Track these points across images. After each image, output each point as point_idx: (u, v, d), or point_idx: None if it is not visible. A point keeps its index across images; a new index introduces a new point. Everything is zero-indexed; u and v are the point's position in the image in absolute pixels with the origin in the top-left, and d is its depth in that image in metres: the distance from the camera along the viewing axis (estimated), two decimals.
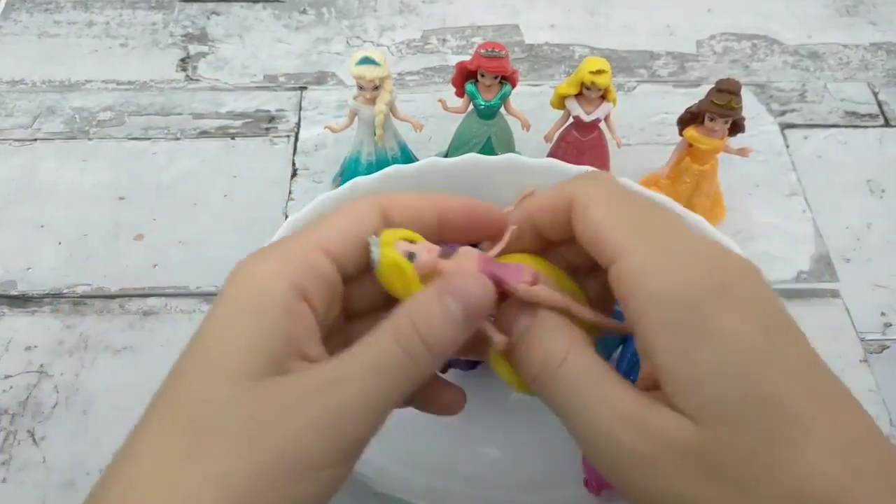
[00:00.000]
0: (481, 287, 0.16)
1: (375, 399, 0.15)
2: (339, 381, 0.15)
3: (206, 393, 0.14)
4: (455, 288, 0.16)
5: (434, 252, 0.17)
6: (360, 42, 0.48)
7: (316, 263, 0.16)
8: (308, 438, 0.14)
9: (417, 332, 0.15)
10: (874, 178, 0.42)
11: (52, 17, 0.49)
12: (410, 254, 0.17)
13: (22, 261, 0.37)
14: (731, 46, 0.49)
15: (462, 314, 0.15)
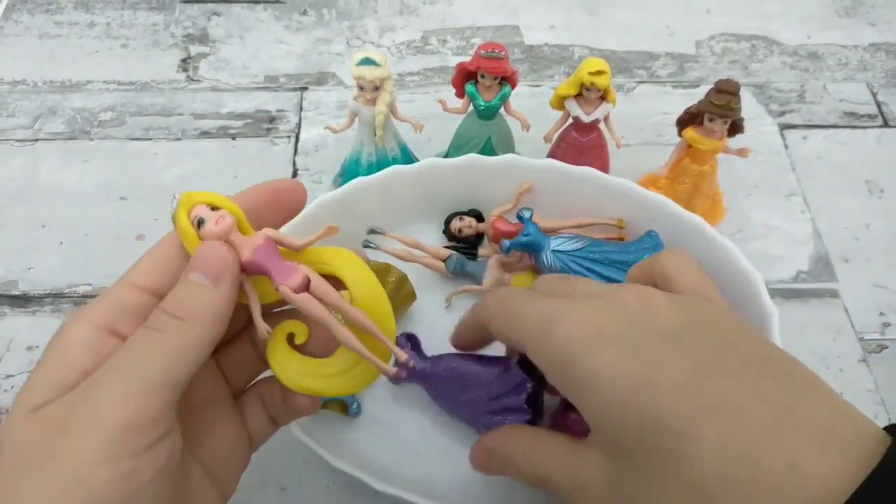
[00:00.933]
0: (217, 253, 0.17)
1: (134, 379, 0.15)
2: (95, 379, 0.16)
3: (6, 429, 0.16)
4: (194, 261, 0.17)
5: (225, 223, 0.18)
6: (360, 43, 0.48)
7: (124, 300, 0.17)
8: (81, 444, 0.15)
9: (162, 309, 0.17)
10: (873, 179, 0.42)
11: (53, 18, 0.49)
12: (200, 220, 0.18)
13: (23, 261, 0.37)
14: (731, 47, 0.49)
15: (208, 279, 0.17)
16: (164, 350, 0.16)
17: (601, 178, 0.34)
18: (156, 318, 0.17)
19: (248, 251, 0.18)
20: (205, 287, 0.17)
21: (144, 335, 0.16)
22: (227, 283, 0.17)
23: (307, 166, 0.42)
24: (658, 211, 0.33)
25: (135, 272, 0.18)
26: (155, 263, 0.18)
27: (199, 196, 0.18)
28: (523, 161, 0.34)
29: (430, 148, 0.41)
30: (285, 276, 0.18)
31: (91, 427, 0.15)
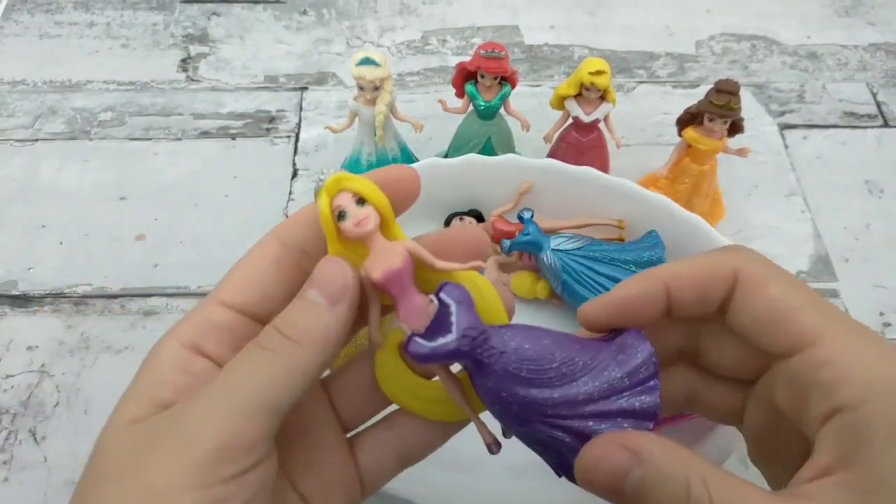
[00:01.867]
0: (337, 272, 0.16)
1: (234, 400, 0.14)
2: (195, 397, 0.15)
3: (101, 439, 0.16)
4: (314, 277, 0.16)
5: (368, 227, 0.16)
6: (360, 43, 0.48)
7: (213, 318, 0.17)
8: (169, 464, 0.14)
9: (274, 326, 0.16)
10: (873, 179, 0.42)
11: (53, 18, 0.49)
12: (342, 212, 0.16)
13: (23, 261, 0.37)
14: (730, 47, 0.49)
15: (325, 299, 0.16)
16: (269, 371, 0.15)
17: (601, 178, 0.34)
18: (267, 336, 0.16)
19: (382, 271, 0.16)
20: (320, 307, 0.16)
21: (251, 354, 0.15)
22: (344, 306, 0.16)
23: (307, 166, 0.41)
24: (658, 211, 0.33)
25: (223, 288, 0.17)
26: (244, 279, 0.17)
27: (350, 183, 0.16)
28: (523, 161, 0.34)
29: (430, 148, 0.41)
30: (412, 315, 0.16)
31: (182, 447, 0.14)
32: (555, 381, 0.16)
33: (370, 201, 0.16)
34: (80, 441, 0.31)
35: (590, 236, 0.34)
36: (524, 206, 0.34)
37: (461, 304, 0.16)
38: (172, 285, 0.36)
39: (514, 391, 0.15)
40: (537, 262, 0.33)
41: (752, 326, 0.16)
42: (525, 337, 0.16)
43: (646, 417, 0.16)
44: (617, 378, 0.16)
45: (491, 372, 0.16)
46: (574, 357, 0.16)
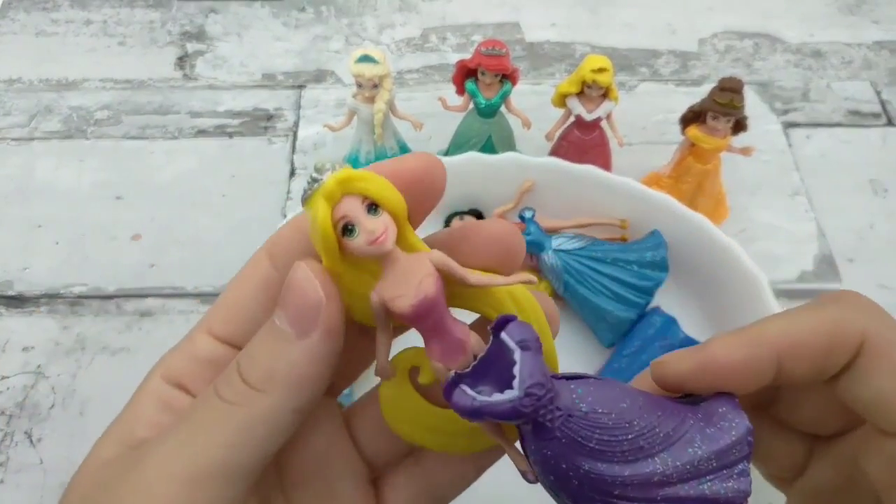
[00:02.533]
0: (307, 287, 0.12)
1: (176, 467, 0.12)
2: (144, 453, 0.13)
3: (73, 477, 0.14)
4: (282, 298, 0.13)
5: (387, 242, 0.12)
6: (359, 40, 0.48)
7: (197, 351, 0.14)
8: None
9: (234, 367, 0.13)
10: (877, 178, 0.41)
11: (50, 16, 0.49)
12: (349, 226, 0.12)
13: (19, 261, 0.37)
14: (734, 45, 0.48)
15: (292, 327, 0.12)
16: (222, 428, 0.12)
17: (603, 176, 0.33)
18: (223, 381, 0.13)
19: (413, 301, 0.12)
20: (285, 339, 0.13)
21: (204, 405, 0.13)
22: (318, 335, 0.12)
23: (305, 165, 0.41)
24: (661, 210, 0.32)
25: (212, 314, 0.15)
26: (231, 306, 0.14)
27: (361, 183, 0.12)
28: (524, 159, 0.34)
29: (430, 146, 0.41)
30: (449, 354, 0.13)
31: None
32: (628, 455, 0.13)
33: (386, 207, 0.12)
34: (76, 443, 0.31)
35: (592, 236, 0.33)
36: (525, 205, 0.34)
37: (528, 352, 0.12)
38: (169, 286, 0.36)
39: (577, 464, 0.12)
40: (539, 262, 0.33)
41: (872, 403, 0.13)
42: (599, 398, 0.13)
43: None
44: (703, 458, 0.13)
45: (552, 438, 0.12)
46: (655, 427, 0.13)
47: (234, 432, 0.13)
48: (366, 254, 0.12)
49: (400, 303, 0.12)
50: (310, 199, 0.12)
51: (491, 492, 0.28)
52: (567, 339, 0.33)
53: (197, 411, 0.13)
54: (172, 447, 0.13)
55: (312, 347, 0.13)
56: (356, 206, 0.12)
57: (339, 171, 0.12)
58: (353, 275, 0.13)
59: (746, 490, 0.13)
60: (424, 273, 0.12)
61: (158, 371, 0.15)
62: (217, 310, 0.15)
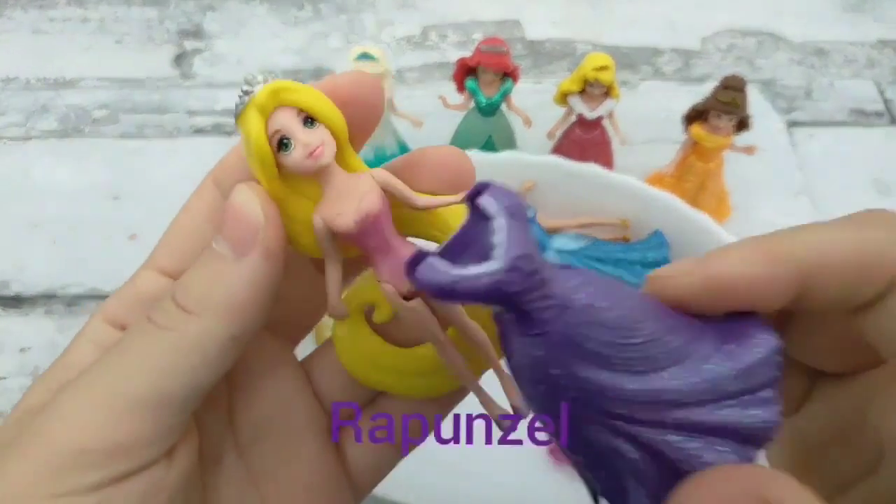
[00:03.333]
0: (246, 206, 0.12)
1: (101, 393, 0.12)
2: (64, 388, 0.12)
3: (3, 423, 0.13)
4: (222, 221, 0.12)
5: (326, 155, 0.11)
6: (358, 38, 0.47)
7: (141, 288, 0.14)
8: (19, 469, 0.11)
9: (172, 293, 0.12)
10: (881, 177, 0.41)
11: (47, 14, 0.49)
12: (284, 139, 0.11)
13: (15, 261, 0.37)
14: (736, 43, 0.48)
15: (230, 248, 0.12)
16: (154, 353, 0.12)
17: (605, 175, 0.33)
18: (159, 307, 0.12)
19: (356, 215, 0.11)
20: (222, 261, 0.12)
21: (137, 331, 0.12)
22: (257, 256, 0.12)
23: None
24: (663, 209, 0.32)
25: (158, 250, 0.14)
26: (180, 235, 0.14)
27: (295, 94, 0.11)
28: (525, 158, 0.34)
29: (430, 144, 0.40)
30: (397, 273, 0.12)
31: (37, 448, 0.11)
32: (635, 364, 0.10)
33: (323, 120, 0.12)
34: None
35: (593, 236, 0.33)
36: (526, 204, 0.34)
37: (514, 218, 0.09)
38: None
39: (571, 369, 0.10)
40: None
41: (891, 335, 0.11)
42: (602, 290, 0.10)
43: (753, 442, 0.10)
44: (723, 376, 0.10)
45: (542, 333, 0.10)
46: (664, 336, 0.10)
47: (165, 357, 0.12)
48: (303, 169, 0.12)
49: (342, 220, 0.12)
50: (242, 114, 0.12)
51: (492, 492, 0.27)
52: None
53: (125, 339, 0.12)
54: (96, 375, 0.12)
55: (250, 269, 0.12)
56: (291, 118, 0.12)
57: (270, 82, 0.12)
58: (295, 201, 0.12)
59: (775, 420, 0.10)
60: (366, 189, 0.12)
61: (99, 314, 0.14)
62: (162, 244, 0.14)
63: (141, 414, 0.12)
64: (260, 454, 0.14)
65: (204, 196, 0.14)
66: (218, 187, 0.14)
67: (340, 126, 0.12)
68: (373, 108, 0.13)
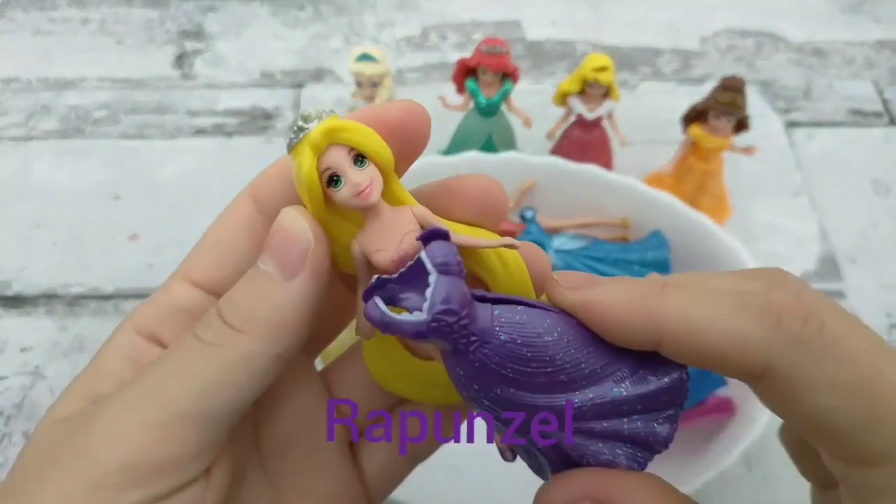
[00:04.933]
0: (297, 230, 0.12)
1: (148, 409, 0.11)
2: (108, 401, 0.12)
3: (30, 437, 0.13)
4: (268, 238, 0.12)
5: (374, 193, 0.12)
6: (358, 38, 0.48)
7: (175, 300, 0.14)
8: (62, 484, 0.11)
9: (217, 310, 0.12)
10: (880, 178, 0.41)
11: (48, 15, 0.49)
12: (334, 177, 0.12)
13: (16, 261, 0.37)
14: (736, 44, 0.48)
15: (279, 269, 0.12)
16: (201, 370, 0.12)
17: (605, 176, 0.33)
18: (204, 324, 0.12)
19: (394, 255, 0.12)
20: (271, 281, 0.12)
21: (183, 347, 0.12)
22: (305, 278, 0.12)
23: None
24: (663, 209, 0.32)
25: (191, 260, 0.14)
26: (216, 248, 0.14)
27: (349, 134, 0.12)
28: (525, 159, 0.34)
29: (430, 145, 0.40)
30: None
31: (81, 465, 0.11)
32: (546, 386, 0.12)
33: (373, 158, 0.12)
34: None
35: (593, 236, 0.33)
36: (526, 204, 0.34)
37: (445, 276, 0.11)
38: None
39: (489, 388, 0.12)
40: None
41: (795, 427, 0.12)
42: (521, 328, 0.12)
43: (648, 449, 0.12)
44: (626, 399, 0.12)
45: (465, 361, 0.12)
46: (581, 363, 0.12)
47: (211, 373, 0.12)
48: (351, 206, 0.12)
49: (380, 257, 0.12)
50: (295, 148, 0.12)
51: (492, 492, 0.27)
52: None
53: (171, 354, 0.12)
54: (142, 391, 0.12)
55: (298, 289, 0.12)
56: (342, 156, 0.12)
57: (325, 120, 0.12)
58: (337, 223, 0.13)
59: (668, 436, 0.12)
60: (407, 229, 0.12)
61: (129, 323, 0.13)
62: (196, 255, 0.14)
63: (186, 430, 0.11)
64: (283, 468, 0.14)
65: (240, 210, 0.14)
66: (255, 202, 0.14)
67: (389, 162, 0.13)
68: (420, 137, 0.13)
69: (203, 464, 0.12)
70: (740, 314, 0.12)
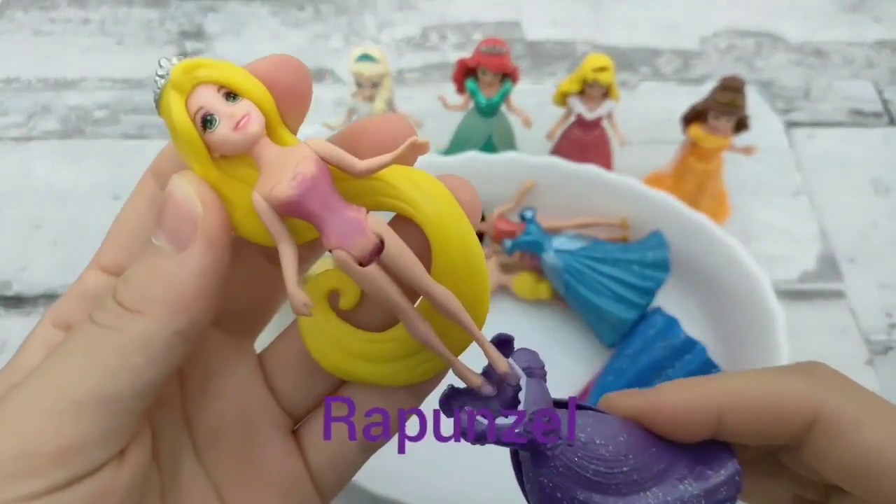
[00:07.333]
0: (183, 196, 0.11)
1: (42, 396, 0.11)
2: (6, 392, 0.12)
3: None
4: (159, 214, 0.12)
5: (253, 127, 0.11)
6: (358, 39, 0.48)
7: (88, 288, 0.13)
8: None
9: (113, 292, 0.12)
10: (879, 178, 0.41)
11: (48, 15, 0.49)
12: (209, 116, 0.11)
13: (16, 261, 0.37)
14: (735, 44, 0.48)
15: (170, 242, 0.11)
16: (95, 354, 0.11)
17: (604, 176, 0.33)
18: (100, 307, 0.12)
19: (292, 183, 0.11)
20: (163, 255, 0.12)
21: (79, 333, 0.12)
22: (199, 248, 0.11)
23: None
24: (662, 210, 0.32)
25: (103, 248, 0.14)
26: (122, 232, 0.13)
27: (210, 70, 0.11)
28: (525, 159, 0.34)
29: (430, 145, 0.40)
30: (346, 235, 0.11)
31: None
32: (622, 487, 0.13)
33: (245, 94, 0.11)
34: None
35: (593, 236, 0.33)
36: (526, 205, 0.34)
37: (533, 378, 0.12)
38: None
39: (572, 494, 0.13)
40: (540, 262, 0.33)
41: (840, 477, 0.13)
42: (598, 430, 0.13)
43: None
44: (692, 495, 0.13)
45: (550, 466, 0.12)
46: (648, 463, 0.13)
47: (107, 357, 0.11)
48: (232, 143, 0.11)
49: (280, 189, 0.11)
50: (160, 98, 0.11)
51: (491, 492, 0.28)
52: (568, 339, 0.33)
53: (68, 340, 0.12)
54: (40, 380, 0.12)
55: (192, 261, 0.11)
56: (211, 94, 0.11)
57: (182, 61, 0.11)
58: (234, 187, 0.12)
59: None
60: (302, 157, 0.11)
61: (48, 317, 0.13)
62: (106, 242, 0.14)
63: (85, 417, 0.11)
64: (218, 455, 0.14)
65: (143, 190, 0.13)
66: (157, 180, 0.13)
67: (265, 99, 0.12)
68: (298, 91, 0.12)
69: (108, 450, 0.12)
70: (785, 375, 0.13)
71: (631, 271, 0.31)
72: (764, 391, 0.13)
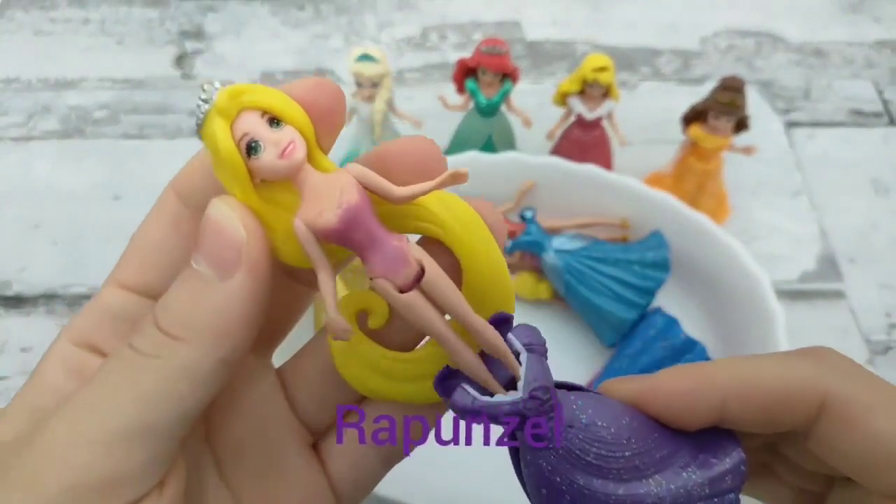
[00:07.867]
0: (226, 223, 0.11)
1: (89, 427, 0.11)
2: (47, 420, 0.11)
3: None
4: (199, 239, 0.11)
5: (298, 155, 0.11)
6: (358, 38, 0.48)
7: (109, 305, 0.13)
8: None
9: (153, 317, 0.12)
10: (879, 178, 0.41)
11: (48, 15, 0.49)
12: (253, 143, 0.11)
13: (16, 261, 0.37)
14: (735, 44, 0.48)
15: (213, 269, 0.11)
16: (138, 384, 0.11)
17: (605, 176, 0.33)
18: (139, 333, 0.12)
19: (337, 211, 0.11)
20: (206, 282, 0.11)
21: (118, 360, 0.12)
22: (243, 275, 0.11)
23: None
24: (662, 210, 0.32)
25: (121, 264, 0.13)
26: (144, 249, 0.13)
27: (255, 95, 0.11)
28: (525, 159, 0.34)
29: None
30: (391, 264, 0.11)
31: (25, 489, 0.11)
32: (623, 473, 0.12)
33: (289, 120, 0.11)
34: None
35: (593, 236, 0.33)
36: (526, 205, 0.34)
37: (533, 354, 0.12)
38: None
39: (572, 478, 0.12)
40: (540, 262, 0.33)
41: (848, 467, 0.12)
42: (600, 411, 0.13)
43: None
44: (696, 483, 0.13)
45: (549, 448, 0.12)
46: (651, 449, 0.13)
47: (151, 386, 0.11)
48: (277, 170, 0.11)
49: (323, 218, 0.11)
50: (204, 124, 0.11)
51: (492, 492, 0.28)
52: (568, 339, 0.33)
53: (108, 368, 0.12)
54: (82, 409, 0.11)
55: (236, 289, 0.11)
56: (255, 120, 0.11)
57: (226, 88, 0.11)
58: (272, 213, 0.12)
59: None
60: (344, 186, 0.11)
61: (64, 334, 0.13)
62: (125, 258, 0.13)
63: (130, 447, 0.11)
64: (241, 471, 0.14)
65: (165, 207, 0.13)
66: (179, 196, 0.13)
67: (306, 124, 0.12)
68: (333, 114, 0.12)
69: (152, 479, 0.11)
70: (791, 360, 0.13)
71: (631, 271, 0.31)
72: (769, 376, 0.13)
